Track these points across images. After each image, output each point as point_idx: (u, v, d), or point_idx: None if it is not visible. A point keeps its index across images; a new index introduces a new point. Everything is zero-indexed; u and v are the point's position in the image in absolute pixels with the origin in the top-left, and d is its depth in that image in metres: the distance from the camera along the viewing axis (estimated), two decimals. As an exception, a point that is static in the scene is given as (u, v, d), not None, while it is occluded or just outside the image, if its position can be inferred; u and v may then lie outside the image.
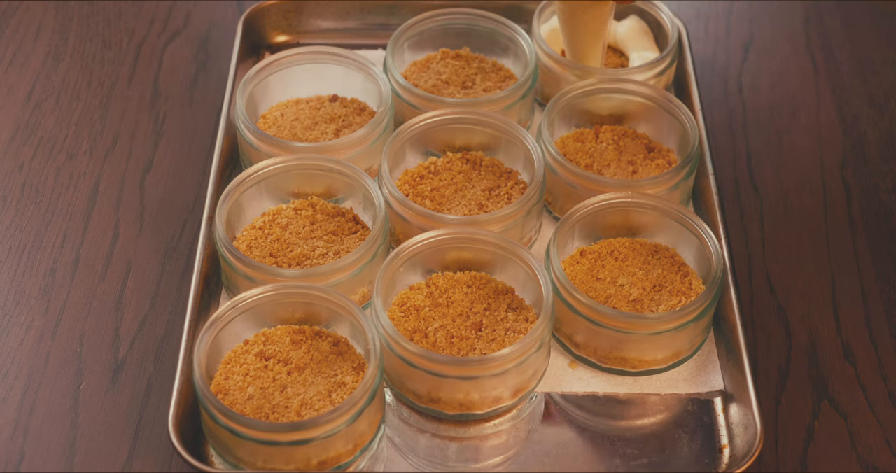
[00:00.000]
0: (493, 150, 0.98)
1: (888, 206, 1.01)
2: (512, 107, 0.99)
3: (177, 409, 0.82)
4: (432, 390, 0.83)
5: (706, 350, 0.90)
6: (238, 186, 0.91)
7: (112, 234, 0.98)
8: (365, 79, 1.01)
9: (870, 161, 1.05)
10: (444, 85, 1.03)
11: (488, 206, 0.94)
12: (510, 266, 0.88)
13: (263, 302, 0.84)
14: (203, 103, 1.09)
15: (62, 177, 1.02)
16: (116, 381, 0.88)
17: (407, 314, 0.86)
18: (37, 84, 1.10)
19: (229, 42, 1.13)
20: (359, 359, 0.84)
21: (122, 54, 1.13)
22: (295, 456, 0.79)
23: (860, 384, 0.89)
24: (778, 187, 1.03)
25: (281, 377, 0.82)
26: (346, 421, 0.78)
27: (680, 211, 0.90)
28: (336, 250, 0.90)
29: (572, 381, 0.88)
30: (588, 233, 0.92)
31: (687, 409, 0.87)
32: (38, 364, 0.89)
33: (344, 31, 1.14)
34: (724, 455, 0.84)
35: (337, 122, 1.00)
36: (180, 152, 1.04)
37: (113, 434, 0.85)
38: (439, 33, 1.06)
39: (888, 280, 0.96)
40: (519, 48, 1.04)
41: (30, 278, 0.94)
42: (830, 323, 0.93)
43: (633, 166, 0.97)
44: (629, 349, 0.86)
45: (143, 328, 0.91)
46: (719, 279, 0.86)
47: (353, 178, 0.92)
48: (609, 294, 0.88)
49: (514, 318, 0.86)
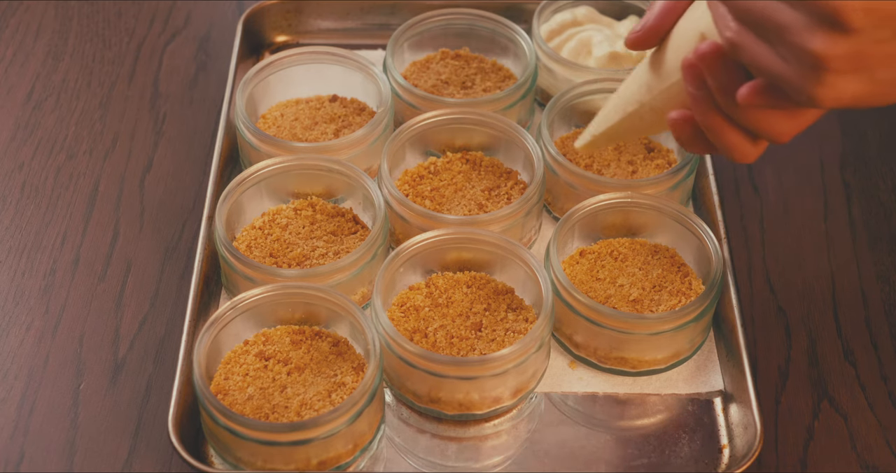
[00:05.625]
0: (492, 150, 0.98)
1: (888, 206, 1.01)
2: (512, 107, 0.99)
3: (177, 409, 0.82)
4: (432, 390, 0.83)
5: (706, 350, 0.90)
6: (238, 186, 0.91)
7: (112, 234, 0.98)
8: (365, 79, 1.01)
9: (870, 161, 1.05)
10: (443, 85, 1.03)
11: (488, 206, 0.94)
12: (510, 266, 0.88)
13: (263, 303, 0.84)
14: (203, 103, 1.09)
15: (62, 176, 1.02)
16: (116, 381, 0.88)
17: (407, 314, 0.86)
18: (37, 84, 1.10)
19: (229, 42, 1.13)
20: (358, 359, 0.84)
21: (122, 54, 1.13)
22: (295, 456, 0.79)
23: (860, 384, 0.89)
24: (778, 187, 1.03)
25: (281, 377, 0.82)
26: (345, 422, 0.78)
27: (680, 211, 0.90)
28: (336, 250, 0.90)
29: (572, 381, 0.88)
30: (588, 233, 0.92)
31: (687, 409, 0.87)
32: (38, 364, 0.89)
33: (344, 31, 1.14)
34: (724, 456, 0.84)
35: (337, 122, 1.00)
36: (180, 152, 1.04)
37: (113, 434, 0.85)
38: (439, 33, 1.06)
39: (888, 280, 0.96)
40: (519, 48, 1.04)
41: (30, 278, 0.94)
42: (830, 323, 0.93)
43: (633, 166, 0.97)
44: (629, 349, 0.86)
45: (143, 328, 0.91)
46: (719, 279, 0.86)
47: (353, 178, 0.92)
48: (609, 294, 0.88)
49: (513, 318, 0.86)
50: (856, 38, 0.64)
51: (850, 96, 0.66)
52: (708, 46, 0.71)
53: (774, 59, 0.67)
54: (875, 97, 0.67)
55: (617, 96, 0.83)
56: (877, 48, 0.65)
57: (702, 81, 0.72)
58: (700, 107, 0.73)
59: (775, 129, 0.71)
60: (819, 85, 0.66)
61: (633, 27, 0.80)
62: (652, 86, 0.80)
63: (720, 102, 0.72)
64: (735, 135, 0.73)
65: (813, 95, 0.66)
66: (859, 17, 0.63)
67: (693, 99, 0.73)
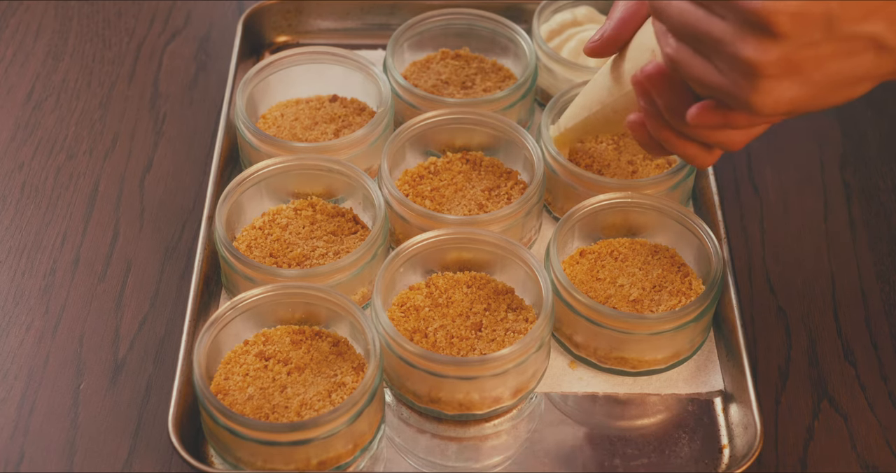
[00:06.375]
0: (493, 150, 0.98)
1: (888, 207, 1.01)
2: (512, 108, 0.99)
3: (177, 409, 0.82)
4: (432, 390, 0.83)
5: (706, 350, 0.90)
6: (238, 186, 0.91)
7: (112, 234, 0.98)
8: (365, 79, 1.01)
9: (870, 161, 1.05)
10: (443, 85, 1.03)
11: (488, 206, 0.94)
12: (510, 266, 0.88)
13: (263, 303, 0.84)
14: (203, 103, 1.09)
15: (62, 176, 1.02)
16: (116, 381, 0.88)
17: (407, 314, 0.86)
18: (37, 84, 1.10)
19: (229, 42, 1.13)
20: (359, 359, 0.84)
21: (122, 54, 1.13)
22: (295, 456, 0.79)
23: (860, 384, 0.89)
24: (778, 187, 1.03)
25: (281, 377, 0.82)
26: (345, 422, 0.78)
27: (680, 211, 0.90)
28: (336, 250, 0.90)
29: (572, 381, 0.88)
30: (588, 233, 0.92)
31: (687, 409, 0.87)
32: (38, 364, 0.89)
33: (344, 31, 1.14)
34: (724, 456, 0.84)
35: (337, 122, 1.00)
36: (180, 152, 1.04)
37: (113, 434, 0.85)
38: (439, 33, 1.06)
39: (888, 280, 0.96)
40: (519, 48, 1.04)
41: (30, 278, 0.94)
42: (830, 323, 0.93)
43: (633, 166, 0.97)
44: (629, 349, 0.86)
45: (143, 328, 0.91)
46: (719, 279, 0.86)
47: (353, 178, 0.92)
48: (609, 294, 0.88)
49: (513, 318, 0.86)
50: (786, 43, 0.64)
51: (788, 101, 0.67)
52: (653, 67, 0.73)
53: (712, 71, 0.68)
54: (815, 100, 0.67)
55: (583, 94, 0.87)
56: (808, 51, 0.65)
57: (651, 99, 0.74)
58: (652, 123, 0.75)
59: (726, 141, 0.73)
60: (755, 92, 0.66)
61: (592, 36, 0.82)
62: (612, 91, 0.83)
63: (669, 121, 0.74)
64: (688, 146, 0.75)
65: (751, 103, 0.67)
66: (785, 21, 0.63)
67: (645, 114, 0.76)
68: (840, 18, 0.64)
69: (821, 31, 0.64)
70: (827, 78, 0.66)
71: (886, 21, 0.65)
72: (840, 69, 0.66)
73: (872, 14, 0.64)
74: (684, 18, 0.68)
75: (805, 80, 0.66)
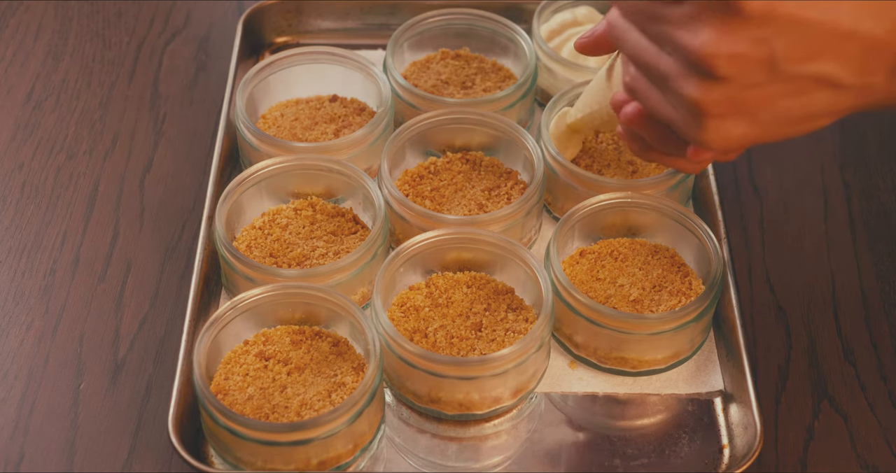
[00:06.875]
0: (493, 150, 0.98)
1: (888, 207, 1.01)
2: (512, 107, 0.99)
3: (176, 409, 0.82)
4: (432, 390, 0.83)
5: (706, 350, 0.90)
6: (238, 186, 0.91)
7: (112, 234, 0.98)
8: (365, 79, 1.01)
9: (870, 161, 1.05)
10: (443, 85, 1.03)
11: (488, 206, 0.94)
12: (510, 266, 0.88)
13: (263, 303, 0.84)
14: (203, 103, 1.09)
15: (62, 176, 1.02)
16: (116, 381, 0.88)
17: (407, 314, 0.86)
18: (37, 84, 1.10)
19: (229, 42, 1.13)
20: (359, 359, 0.84)
21: (122, 54, 1.13)
22: (295, 456, 0.79)
23: (860, 384, 0.89)
24: (778, 187, 1.03)
25: (281, 377, 0.82)
26: (345, 422, 0.78)
27: (680, 211, 0.90)
28: (336, 250, 0.90)
29: (572, 381, 0.88)
30: (588, 233, 0.92)
31: (687, 409, 0.87)
32: (38, 364, 0.89)
33: (344, 31, 1.14)
34: (724, 456, 0.84)
35: (337, 122, 1.00)
36: (180, 152, 1.04)
37: (113, 434, 0.85)
38: (439, 33, 1.06)
39: (888, 280, 0.96)
40: (519, 48, 1.04)
41: (30, 278, 0.94)
42: (830, 323, 0.93)
43: (633, 166, 0.97)
44: (629, 349, 0.86)
45: (143, 328, 0.91)
46: (719, 279, 0.86)
47: (353, 178, 0.92)
48: (609, 294, 0.88)
49: (513, 318, 0.86)
50: (727, 85, 0.64)
51: (736, 138, 0.67)
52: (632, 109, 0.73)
53: (665, 104, 0.69)
54: (766, 136, 0.68)
55: (586, 92, 0.88)
56: (752, 92, 0.65)
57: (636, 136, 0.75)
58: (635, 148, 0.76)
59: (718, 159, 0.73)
60: (702, 129, 0.67)
61: (584, 33, 0.82)
62: (607, 94, 0.83)
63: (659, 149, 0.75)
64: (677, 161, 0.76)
65: (700, 139, 0.68)
66: (724, 64, 0.63)
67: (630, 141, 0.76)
68: (784, 59, 0.63)
69: (763, 72, 0.64)
70: (776, 116, 0.66)
71: (836, 60, 0.64)
72: (790, 107, 0.66)
73: (819, 54, 0.63)
74: (636, 51, 0.68)
75: (753, 119, 0.66)
